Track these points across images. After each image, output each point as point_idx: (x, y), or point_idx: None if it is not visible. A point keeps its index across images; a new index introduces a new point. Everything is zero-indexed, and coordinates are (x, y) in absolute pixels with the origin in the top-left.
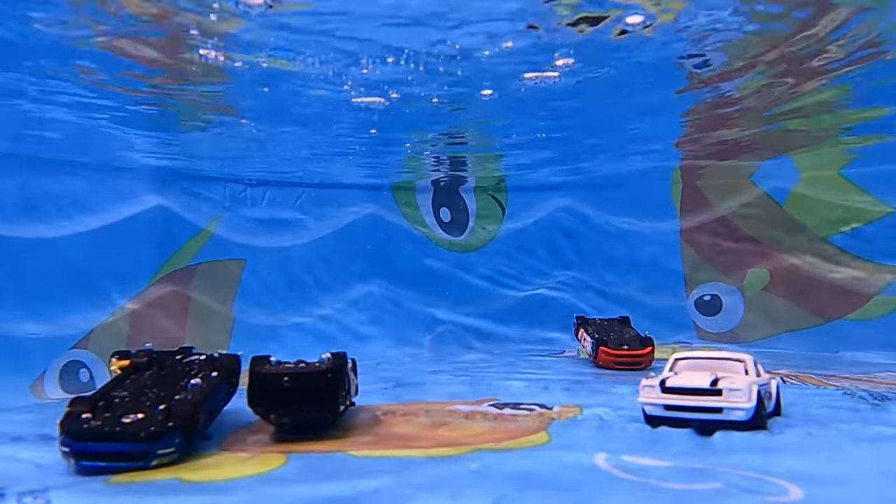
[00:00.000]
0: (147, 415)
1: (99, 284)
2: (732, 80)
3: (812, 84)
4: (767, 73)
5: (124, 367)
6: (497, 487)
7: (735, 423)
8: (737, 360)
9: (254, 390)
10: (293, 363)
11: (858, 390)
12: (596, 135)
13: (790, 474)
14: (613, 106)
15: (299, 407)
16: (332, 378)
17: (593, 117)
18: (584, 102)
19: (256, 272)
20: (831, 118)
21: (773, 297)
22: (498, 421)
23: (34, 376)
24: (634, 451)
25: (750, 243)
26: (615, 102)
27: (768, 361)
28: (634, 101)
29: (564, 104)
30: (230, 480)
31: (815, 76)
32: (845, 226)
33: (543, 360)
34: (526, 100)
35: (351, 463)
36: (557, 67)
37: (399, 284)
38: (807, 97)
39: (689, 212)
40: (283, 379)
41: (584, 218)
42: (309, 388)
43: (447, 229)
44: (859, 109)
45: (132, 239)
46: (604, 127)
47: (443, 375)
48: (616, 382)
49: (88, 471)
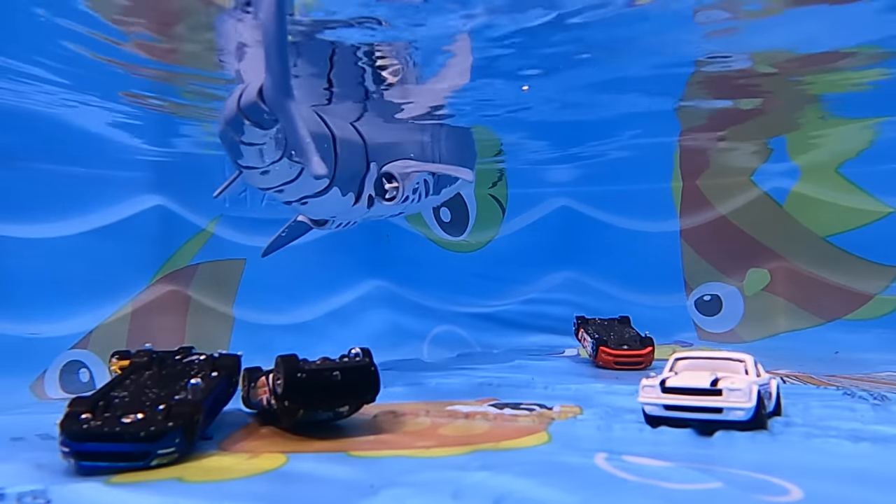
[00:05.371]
0: (147, 415)
1: (99, 284)
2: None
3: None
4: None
5: (124, 367)
6: (497, 487)
7: (735, 423)
8: (737, 360)
9: (299, 386)
10: (319, 360)
11: (858, 390)
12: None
13: (790, 474)
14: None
15: (346, 400)
16: (375, 371)
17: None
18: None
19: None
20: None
21: (773, 297)
22: (498, 421)
23: (34, 376)
24: (634, 451)
25: (750, 243)
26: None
27: (768, 361)
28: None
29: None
30: (230, 480)
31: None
32: (845, 226)
33: (543, 360)
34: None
35: (351, 463)
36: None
37: (399, 284)
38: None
39: (689, 212)
40: (334, 374)
41: (584, 218)
42: (356, 381)
43: (447, 229)
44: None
45: (132, 239)
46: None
47: (442, 375)
48: (616, 382)
49: (88, 471)
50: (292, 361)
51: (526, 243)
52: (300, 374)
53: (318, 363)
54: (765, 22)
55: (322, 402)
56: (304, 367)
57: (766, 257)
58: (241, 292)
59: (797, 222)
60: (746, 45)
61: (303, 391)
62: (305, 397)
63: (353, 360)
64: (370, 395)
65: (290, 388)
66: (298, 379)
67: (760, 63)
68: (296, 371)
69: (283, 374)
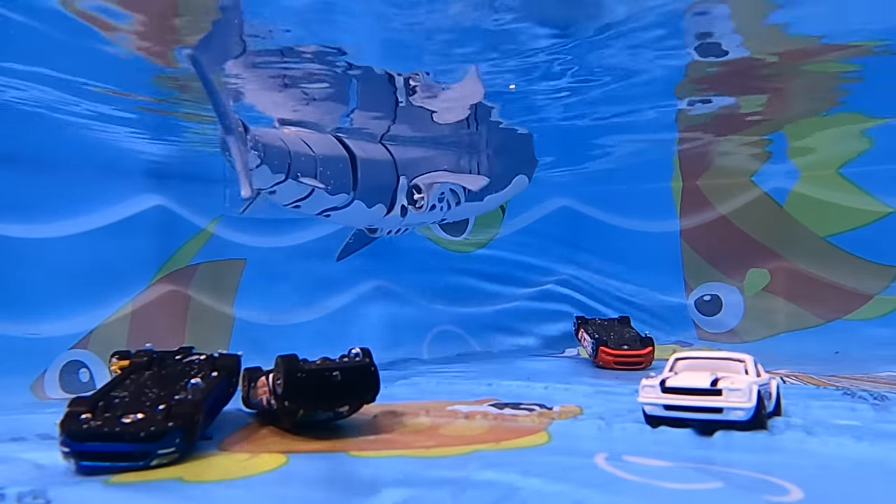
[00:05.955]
0: (147, 415)
1: (99, 284)
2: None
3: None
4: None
5: (124, 367)
6: (497, 487)
7: (735, 423)
8: (737, 360)
9: (299, 386)
10: (319, 360)
11: (858, 390)
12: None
13: (790, 474)
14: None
15: (346, 400)
16: (374, 371)
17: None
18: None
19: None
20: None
21: (773, 297)
22: (498, 421)
23: (34, 376)
24: (634, 451)
25: (750, 243)
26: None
27: (768, 361)
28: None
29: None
30: (230, 480)
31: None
32: (845, 226)
33: (543, 360)
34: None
35: (351, 463)
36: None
37: (399, 284)
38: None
39: (689, 212)
40: (333, 374)
41: (584, 218)
42: (356, 381)
43: (447, 229)
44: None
45: (132, 239)
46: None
47: (442, 375)
48: (616, 382)
49: (88, 471)
50: (292, 361)
51: (526, 243)
52: (300, 374)
53: (318, 363)
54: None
55: (322, 402)
56: (304, 367)
57: (766, 257)
58: (241, 292)
59: (797, 222)
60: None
61: (303, 391)
62: (305, 397)
63: (353, 361)
64: (370, 395)
65: (290, 388)
66: (298, 379)
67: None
68: (296, 371)
69: (283, 374)
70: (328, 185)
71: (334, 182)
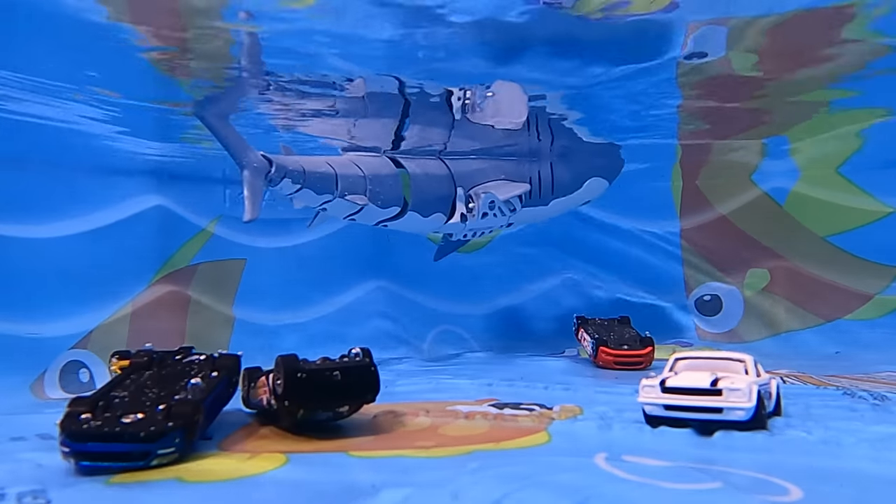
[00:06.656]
0: (147, 415)
1: (99, 284)
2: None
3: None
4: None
5: (124, 367)
6: (497, 487)
7: (735, 423)
8: (737, 360)
9: (299, 386)
10: (319, 360)
11: (858, 390)
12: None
13: (790, 474)
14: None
15: (346, 400)
16: (374, 371)
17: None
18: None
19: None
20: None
21: (773, 297)
22: (498, 421)
23: (34, 376)
24: (634, 451)
25: (750, 243)
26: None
27: (768, 361)
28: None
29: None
30: (230, 480)
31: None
32: (845, 226)
33: (543, 360)
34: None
35: (351, 463)
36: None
37: (399, 285)
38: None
39: (689, 212)
40: (334, 374)
41: (584, 218)
42: (356, 381)
43: None
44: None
45: (132, 239)
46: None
47: (443, 375)
48: (616, 382)
49: (88, 471)
50: (292, 361)
51: (526, 243)
52: (300, 374)
53: (318, 363)
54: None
55: (322, 402)
56: (304, 367)
57: (766, 257)
58: (241, 292)
59: (797, 222)
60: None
61: (303, 391)
62: (305, 397)
63: (353, 361)
64: (370, 395)
65: (290, 388)
66: (298, 379)
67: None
68: (296, 371)
69: (283, 374)
70: (378, 201)
71: (384, 197)
